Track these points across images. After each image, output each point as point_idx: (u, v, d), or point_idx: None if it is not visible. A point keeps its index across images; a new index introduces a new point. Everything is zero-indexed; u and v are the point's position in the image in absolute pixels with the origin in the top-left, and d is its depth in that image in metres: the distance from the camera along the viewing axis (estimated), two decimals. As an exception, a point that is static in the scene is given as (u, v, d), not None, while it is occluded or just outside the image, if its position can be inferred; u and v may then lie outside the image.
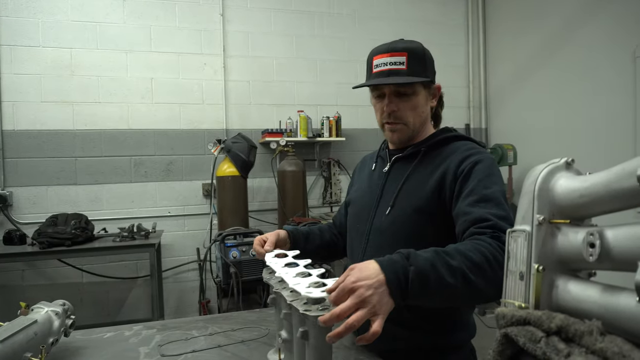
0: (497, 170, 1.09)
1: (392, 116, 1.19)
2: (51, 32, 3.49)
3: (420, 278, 0.83)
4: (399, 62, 1.14)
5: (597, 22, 3.39)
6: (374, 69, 1.17)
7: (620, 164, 0.48)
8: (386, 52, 1.15)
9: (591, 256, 0.49)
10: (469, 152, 1.12)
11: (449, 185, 1.09)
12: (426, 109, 1.22)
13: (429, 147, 1.19)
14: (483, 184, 1.03)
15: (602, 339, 0.45)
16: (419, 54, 1.17)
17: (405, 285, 0.82)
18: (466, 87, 4.69)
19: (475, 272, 0.86)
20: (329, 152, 4.22)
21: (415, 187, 1.15)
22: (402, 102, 1.17)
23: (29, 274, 3.48)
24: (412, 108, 1.18)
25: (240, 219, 3.46)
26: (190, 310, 3.84)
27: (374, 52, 1.19)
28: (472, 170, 1.07)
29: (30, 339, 1.01)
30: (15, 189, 3.43)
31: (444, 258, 0.86)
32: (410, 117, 1.19)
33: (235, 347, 1.24)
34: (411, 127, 1.20)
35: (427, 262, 0.84)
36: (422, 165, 1.18)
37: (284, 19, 4.07)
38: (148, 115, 3.72)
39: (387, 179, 1.24)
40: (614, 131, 3.26)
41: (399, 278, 0.82)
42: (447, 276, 0.84)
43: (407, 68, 1.14)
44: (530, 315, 0.52)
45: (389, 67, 1.15)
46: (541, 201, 0.57)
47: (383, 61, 1.15)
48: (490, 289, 0.87)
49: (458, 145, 1.17)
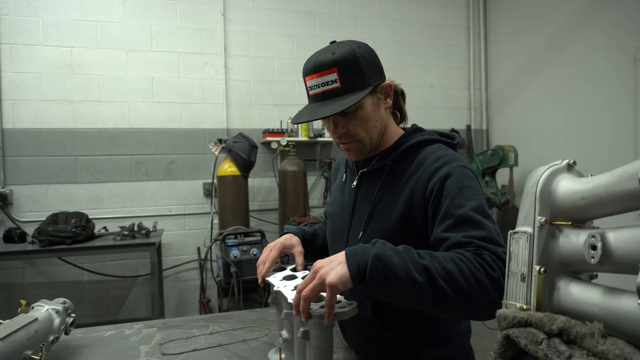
0: (469, 180, 0.98)
1: (343, 137, 1.08)
2: (52, 31, 3.49)
3: (380, 261, 0.82)
4: (330, 81, 1.01)
5: (598, 25, 3.39)
6: (309, 91, 1.06)
7: (622, 166, 0.48)
8: (314, 73, 1.02)
9: (592, 258, 0.49)
10: (436, 164, 1.02)
11: (417, 208, 1.00)
12: (379, 116, 1.09)
13: (394, 161, 1.09)
14: (456, 202, 0.94)
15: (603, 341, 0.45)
16: (350, 63, 1.01)
17: (363, 266, 0.83)
18: (467, 89, 4.69)
19: (445, 278, 0.81)
20: (330, 152, 4.22)
21: (385, 210, 1.06)
22: (349, 120, 1.06)
23: (29, 272, 3.48)
24: (362, 123, 1.06)
25: (241, 219, 3.46)
26: (190, 310, 3.85)
27: (304, 72, 1.06)
28: (442, 188, 0.97)
29: (31, 337, 1.02)
30: (16, 187, 3.43)
31: (413, 253, 0.85)
32: (361, 132, 1.07)
33: (236, 347, 1.24)
34: (367, 142, 1.09)
35: (391, 250, 0.85)
36: (389, 182, 1.09)
37: (285, 18, 4.07)
38: (149, 114, 3.72)
39: (356, 197, 1.16)
40: (615, 133, 3.26)
41: (357, 257, 0.84)
42: (413, 271, 0.82)
43: (342, 85, 1.01)
44: (532, 317, 0.52)
45: (322, 90, 1.03)
46: (543, 203, 0.57)
47: (315, 83, 1.03)
48: (462, 303, 0.82)
49: (424, 155, 1.06)
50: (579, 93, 3.57)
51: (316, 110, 1.04)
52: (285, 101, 4.07)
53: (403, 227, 1.02)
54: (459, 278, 0.81)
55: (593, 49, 3.44)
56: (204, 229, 3.81)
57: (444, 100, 4.54)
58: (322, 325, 0.86)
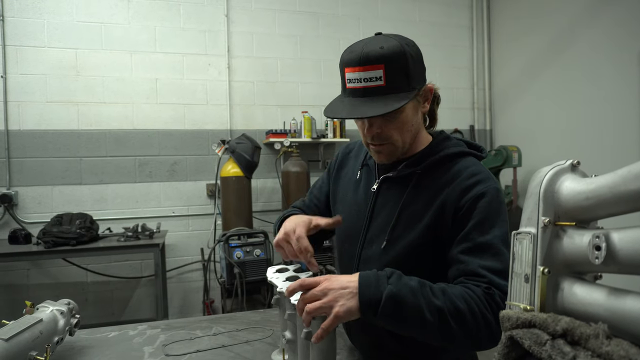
0: (500, 205, 0.96)
1: (377, 138, 1.02)
2: (56, 33, 3.51)
3: (394, 301, 0.82)
4: (375, 78, 0.93)
5: (602, 24, 3.37)
6: (347, 83, 0.98)
7: (627, 166, 0.48)
8: (358, 66, 0.94)
9: (597, 259, 0.49)
10: (471, 180, 0.98)
11: (446, 221, 0.98)
12: (417, 120, 1.04)
13: (424, 169, 1.04)
14: (481, 228, 0.92)
15: (608, 343, 0.45)
16: (399, 61, 0.94)
17: (376, 302, 0.82)
18: (470, 89, 4.68)
19: (456, 318, 0.83)
20: (333, 153, 4.22)
21: (411, 220, 1.02)
22: (387, 122, 1.00)
23: (34, 273, 3.50)
24: (399, 127, 1.01)
25: (244, 220, 3.46)
26: (194, 310, 3.85)
27: (345, 62, 0.98)
28: (473, 208, 0.95)
29: (36, 338, 1.02)
30: (21, 188, 3.45)
31: (427, 292, 0.85)
32: (396, 135, 1.02)
33: (240, 348, 1.24)
34: (400, 146, 1.04)
35: (406, 288, 0.84)
36: (416, 191, 1.04)
37: (288, 19, 4.07)
38: (152, 115, 3.73)
39: (375, 202, 1.10)
40: (619, 133, 3.24)
41: (370, 292, 0.83)
42: (425, 311, 0.82)
43: (386, 84, 0.94)
44: (536, 317, 0.52)
45: (363, 85, 0.95)
46: (546, 203, 0.56)
47: (356, 76, 0.95)
48: (466, 340, 0.84)
49: (459, 169, 1.02)
50: (583, 93, 3.56)
51: (355, 108, 0.96)
52: (289, 102, 4.08)
53: (429, 239, 0.99)
54: (468, 318, 0.83)
55: (596, 49, 3.42)
56: (208, 230, 3.81)
57: (447, 100, 4.53)
58: None
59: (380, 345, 1.10)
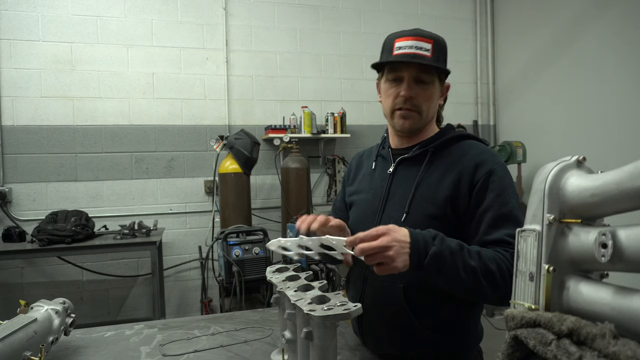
0: (510, 180, 1.10)
1: (408, 102, 1.14)
2: (51, 26, 3.47)
3: (437, 260, 0.93)
4: (424, 48, 1.11)
5: (608, 18, 3.34)
6: (395, 50, 1.12)
7: (633, 163, 0.47)
8: (412, 36, 1.12)
9: (603, 257, 0.48)
10: (481, 156, 1.11)
11: (463, 193, 1.08)
12: (437, 103, 1.21)
13: (436, 148, 1.16)
14: (500, 200, 1.05)
15: (614, 342, 0.44)
16: (443, 46, 1.16)
17: (422, 259, 0.92)
18: (474, 83, 4.65)
19: (487, 277, 0.95)
20: (334, 148, 4.20)
21: (429, 193, 1.12)
22: (420, 89, 1.13)
23: (28, 272, 3.47)
24: (428, 98, 1.15)
25: (243, 217, 3.44)
26: (191, 310, 3.84)
27: (397, 35, 1.15)
28: (487, 182, 1.07)
29: (30, 338, 1.01)
30: (15, 185, 3.42)
31: (464, 255, 0.96)
32: (424, 106, 1.15)
33: (238, 347, 1.23)
34: (423, 117, 1.16)
35: (448, 250, 0.94)
36: (431, 167, 1.15)
37: (287, 13, 4.04)
38: (149, 110, 3.71)
39: (392, 181, 1.20)
40: (626, 129, 3.22)
41: (419, 252, 0.92)
42: (461, 270, 0.94)
43: (432, 56, 1.11)
44: (541, 317, 0.51)
45: (414, 51, 1.10)
46: (552, 200, 0.56)
47: (408, 44, 1.11)
48: (494, 295, 0.97)
49: (467, 146, 1.16)
50: (588, 88, 3.53)
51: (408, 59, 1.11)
52: (288, 97, 4.05)
53: (448, 209, 1.09)
54: (497, 277, 0.96)
55: (602, 43, 3.39)
56: (206, 227, 3.80)
57: (450, 95, 4.42)
58: (325, 325, 0.85)
59: (394, 322, 1.12)
